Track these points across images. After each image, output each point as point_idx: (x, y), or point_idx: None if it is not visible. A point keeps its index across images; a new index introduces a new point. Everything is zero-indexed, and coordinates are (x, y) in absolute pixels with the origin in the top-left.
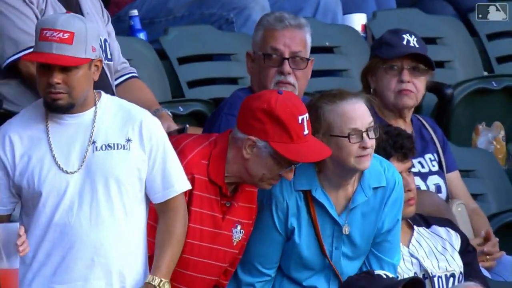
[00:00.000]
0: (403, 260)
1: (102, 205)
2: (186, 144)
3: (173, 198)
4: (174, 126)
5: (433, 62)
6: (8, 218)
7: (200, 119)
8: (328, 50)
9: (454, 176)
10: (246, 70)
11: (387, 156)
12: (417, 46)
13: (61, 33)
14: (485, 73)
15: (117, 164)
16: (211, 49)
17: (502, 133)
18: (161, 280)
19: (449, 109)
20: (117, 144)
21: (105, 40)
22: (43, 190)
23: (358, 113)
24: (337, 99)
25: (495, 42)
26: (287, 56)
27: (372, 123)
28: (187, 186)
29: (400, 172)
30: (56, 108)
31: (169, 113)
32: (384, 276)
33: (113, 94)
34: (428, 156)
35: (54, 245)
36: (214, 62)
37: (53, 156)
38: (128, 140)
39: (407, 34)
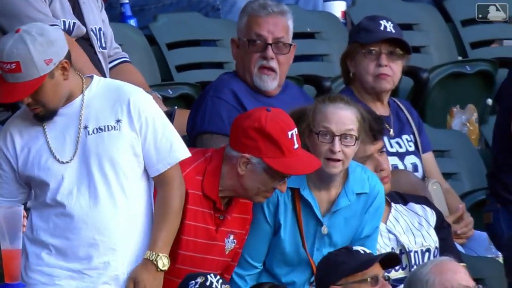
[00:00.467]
0: (381, 236)
1: (99, 187)
2: (183, 160)
3: (167, 171)
4: (164, 108)
5: (410, 46)
6: None
7: (188, 101)
8: (309, 35)
9: (429, 157)
10: (232, 56)
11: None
12: (393, 31)
13: (9, 65)
14: (459, 58)
15: (109, 146)
16: (198, 35)
17: (475, 115)
18: (158, 255)
19: (425, 92)
20: (107, 126)
21: (100, 29)
22: (44, 179)
23: (337, 116)
24: (329, 100)
25: (469, 28)
26: (270, 41)
27: (352, 132)
28: (183, 155)
29: (371, 154)
30: (40, 118)
31: (159, 95)
32: (362, 252)
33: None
34: (405, 136)
35: (57, 226)
36: (201, 47)
37: (49, 148)
38: (118, 121)
39: (384, 20)
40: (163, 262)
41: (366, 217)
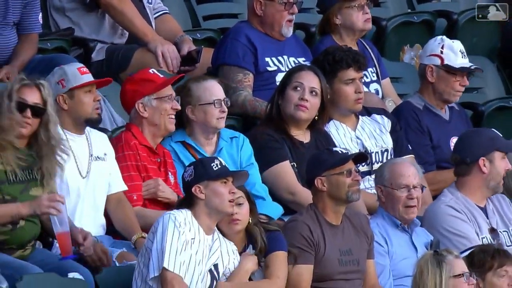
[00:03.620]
0: (351, 141)
1: None
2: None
3: None
4: (193, 47)
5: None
6: None
7: (211, 42)
8: None
9: (386, 82)
10: (251, 11)
11: (347, 66)
12: None
13: None
14: (409, 10)
15: None
16: None
17: (420, 52)
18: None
19: (384, 35)
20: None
21: None
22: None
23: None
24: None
25: None
26: (294, 2)
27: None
28: None
29: (354, 78)
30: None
31: (190, 38)
32: (340, 152)
33: (152, 26)
34: (370, 69)
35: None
36: (221, 2)
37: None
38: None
39: None
40: None
41: (241, 153)
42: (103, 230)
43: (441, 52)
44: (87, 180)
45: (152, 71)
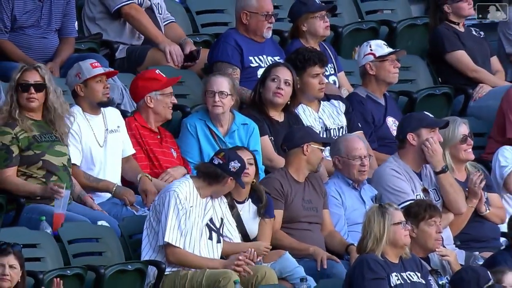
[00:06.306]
0: (315, 120)
1: None
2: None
3: None
4: (194, 48)
5: (336, 10)
6: None
7: (208, 44)
8: (275, 7)
9: (342, 75)
10: (238, 20)
11: (314, 64)
12: (323, 4)
13: None
14: (359, 20)
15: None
16: (214, 7)
17: (356, 58)
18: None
19: (340, 38)
20: None
21: (158, 3)
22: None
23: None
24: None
25: (366, 3)
26: (272, 13)
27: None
28: None
29: (319, 73)
30: None
31: (191, 40)
32: (322, 136)
33: (162, 31)
34: (329, 65)
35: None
36: (215, 13)
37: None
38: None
39: None
40: None
41: (250, 139)
42: None
43: (371, 50)
44: (105, 149)
45: (158, 71)
